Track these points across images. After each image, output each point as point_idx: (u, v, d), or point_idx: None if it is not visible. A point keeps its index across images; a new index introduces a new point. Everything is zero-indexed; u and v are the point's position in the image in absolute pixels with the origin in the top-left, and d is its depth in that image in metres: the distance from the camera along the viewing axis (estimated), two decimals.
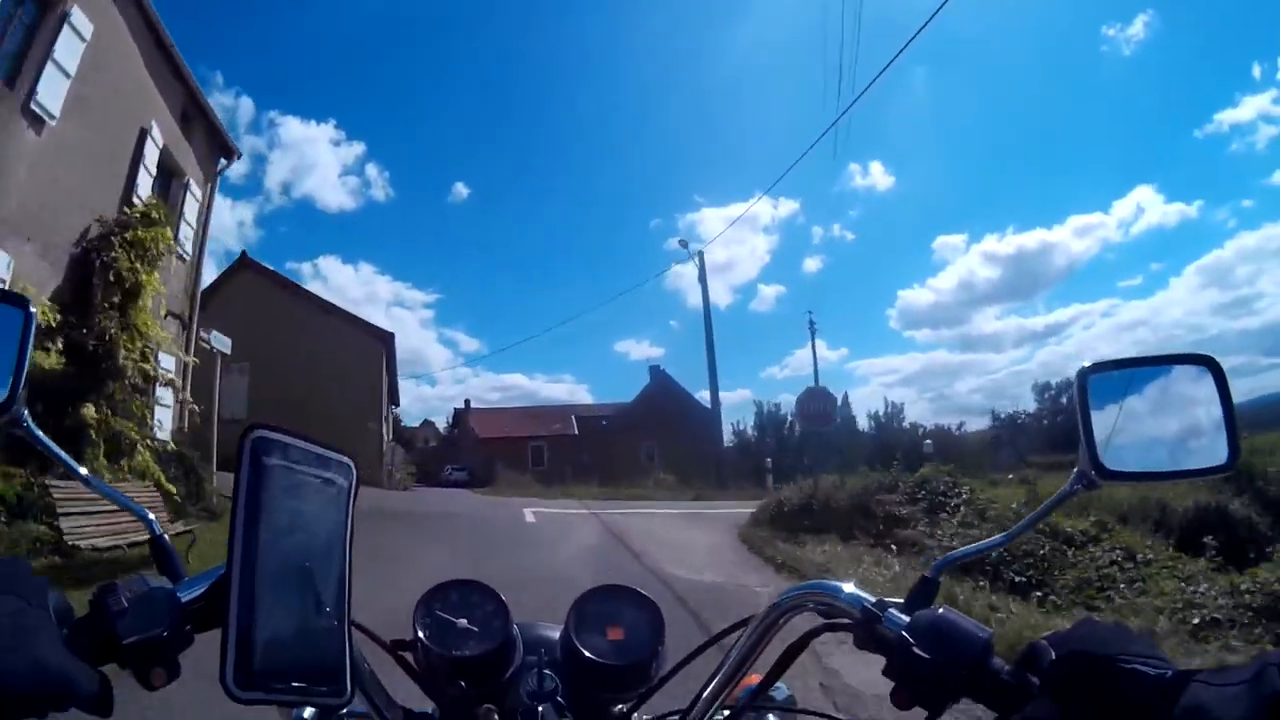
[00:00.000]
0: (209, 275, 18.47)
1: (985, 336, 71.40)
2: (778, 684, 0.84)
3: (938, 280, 70.71)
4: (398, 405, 42.64)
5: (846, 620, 0.72)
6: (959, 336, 71.98)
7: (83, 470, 0.73)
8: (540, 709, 0.84)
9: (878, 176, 69.76)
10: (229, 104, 59.32)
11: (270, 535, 0.57)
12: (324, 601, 0.61)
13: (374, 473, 23.67)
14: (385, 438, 26.21)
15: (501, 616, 0.91)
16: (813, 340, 31.79)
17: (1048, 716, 0.58)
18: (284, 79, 75.99)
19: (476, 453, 45.87)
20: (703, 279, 25.76)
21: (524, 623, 0.95)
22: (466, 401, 55.26)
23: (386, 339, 27.46)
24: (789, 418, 34.65)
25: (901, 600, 0.70)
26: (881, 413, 35.01)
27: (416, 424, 57.23)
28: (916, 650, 0.63)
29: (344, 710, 0.79)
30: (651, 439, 42.85)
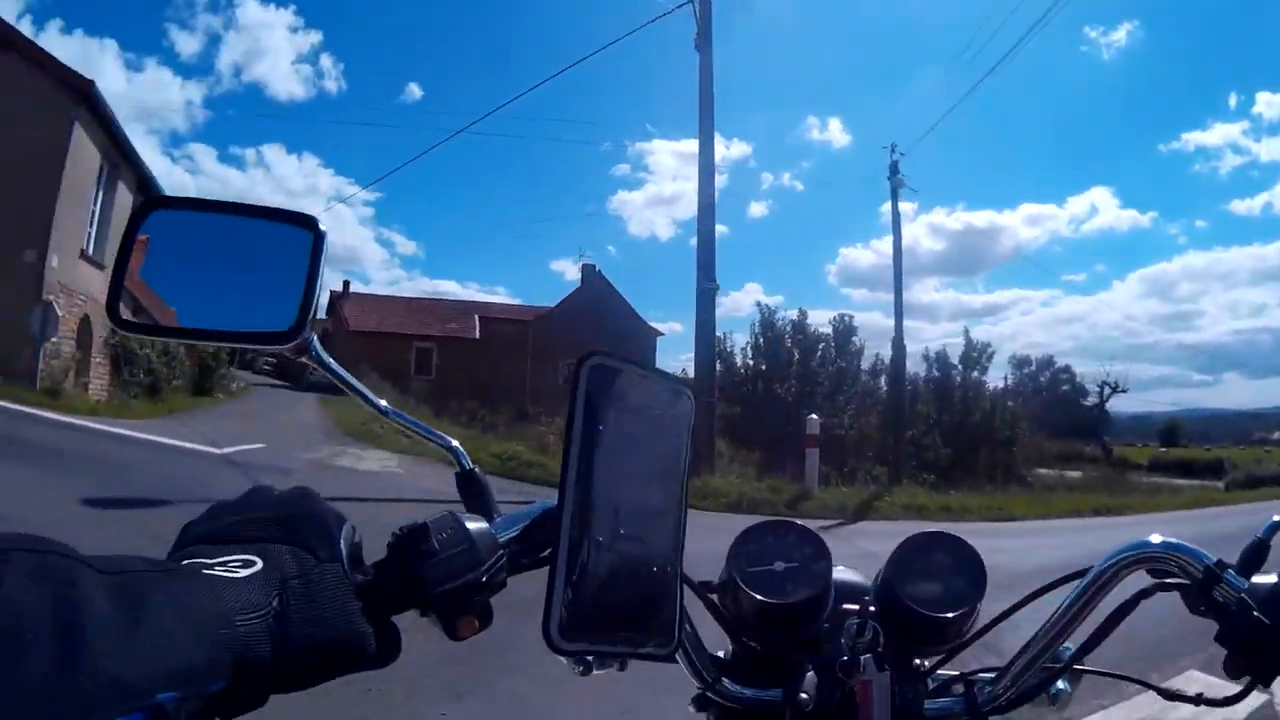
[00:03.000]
0: None
1: (922, 306, 67.74)
2: (1065, 644, 0.77)
3: (882, 243, 63.98)
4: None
5: (1183, 580, 0.69)
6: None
7: (382, 402, 0.69)
8: (862, 660, 0.76)
9: (835, 133, 64.42)
10: None
11: (604, 470, 0.53)
12: (658, 543, 0.58)
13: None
14: (59, 289, 12.90)
15: (822, 560, 0.84)
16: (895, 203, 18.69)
17: None
18: None
19: (351, 350, 34.36)
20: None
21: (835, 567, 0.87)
22: (346, 283, 43.05)
23: (83, 88, 13.27)
24: (823, 339, 20.34)
25: (1232, 563, 0.69)
26: (955, 356, 21.32)
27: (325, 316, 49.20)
28: (1259, 615, 0.62)
29: None
30: (572, 358, 32.52)
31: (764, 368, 19.80)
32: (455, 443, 0.68)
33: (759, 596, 0.81)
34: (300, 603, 0.45)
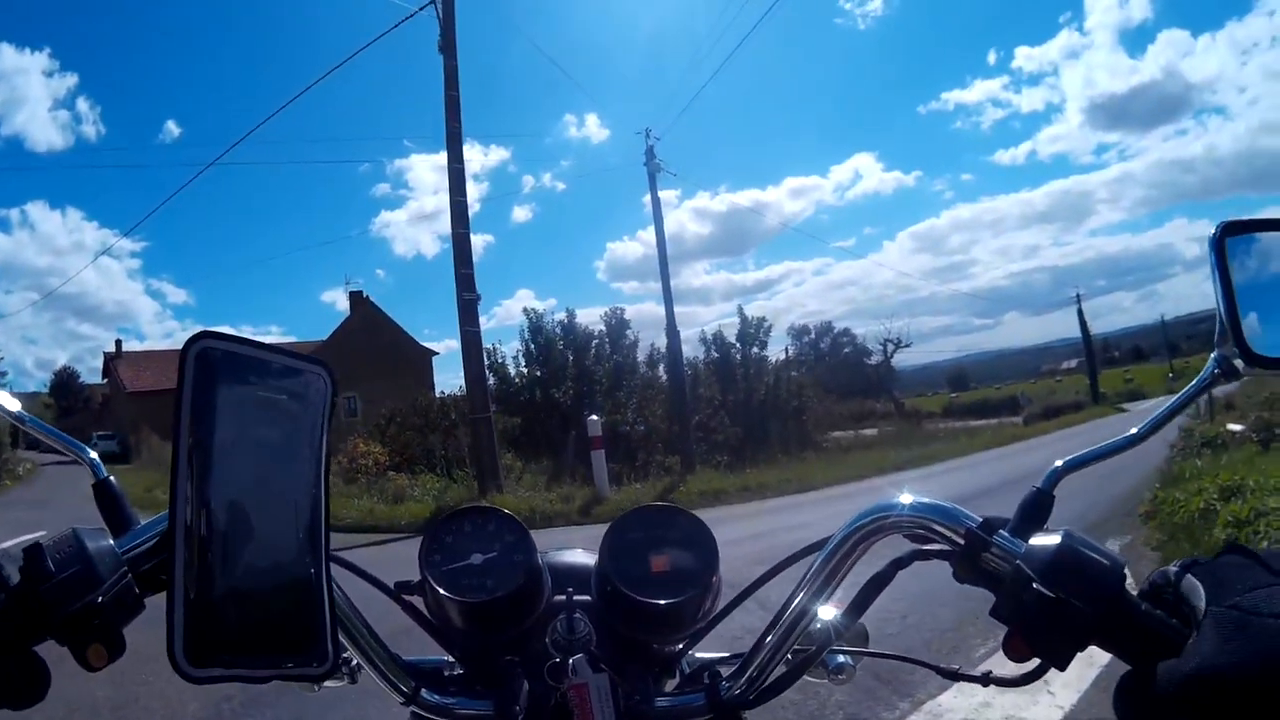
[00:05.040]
0: None
1: (694, 290, 72.28)
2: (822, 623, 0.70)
3: (648, 234, 67.81)
4: None
5: (946, 546, 0.61)
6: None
7: (14, 407, 0.64)
8: (571, 662, 0.71)
9: (593, 128, 68.11)
10: None
11: (224, 469, 0.49)
12: (296, 546, 0.52)
13: None
14: None
15: (524, 549, 0.77)
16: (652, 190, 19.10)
17: (1205, 670, 0.46)
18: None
19: (130, 412, 33.84)
20: None
21: (552, 551, 0.84)
22: (118, 343, 41.03)
23: None
24: (596, 336, 20.37)
25: (1008, 519, 0.59)
26: (732, 336, 22.22)
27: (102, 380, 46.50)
28: (1039, 587, 0.52)
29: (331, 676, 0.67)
30: (353, 387, 33.15)
31: (539, 374, 19.39)
32: (94, 454, 0.64)
33: (452, 595, 0.74)
34: None
